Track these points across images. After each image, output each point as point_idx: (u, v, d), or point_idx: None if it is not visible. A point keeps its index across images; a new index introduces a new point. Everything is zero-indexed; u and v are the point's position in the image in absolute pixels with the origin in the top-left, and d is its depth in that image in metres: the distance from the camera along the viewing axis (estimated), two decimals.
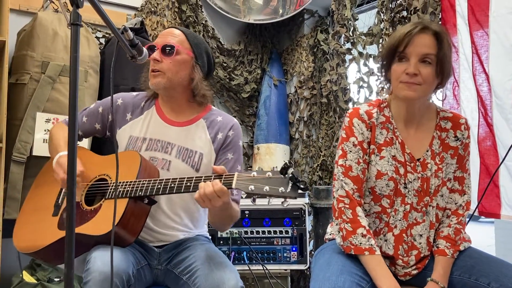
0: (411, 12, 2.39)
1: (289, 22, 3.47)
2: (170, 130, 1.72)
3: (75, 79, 1.02)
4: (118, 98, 1.78)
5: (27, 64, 2.24)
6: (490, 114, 2.13)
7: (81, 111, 1.80)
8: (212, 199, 1.39)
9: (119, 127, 1.75)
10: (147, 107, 1.77)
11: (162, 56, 1.64)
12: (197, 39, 1.73)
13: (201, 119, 1.75)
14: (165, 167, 1.67)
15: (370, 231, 1.47)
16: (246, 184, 1.36)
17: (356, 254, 1.45)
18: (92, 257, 1.40)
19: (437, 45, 1.43)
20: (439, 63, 1.43)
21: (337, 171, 1.53)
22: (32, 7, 2.53)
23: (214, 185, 1.39)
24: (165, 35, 1.69)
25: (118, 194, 1.53)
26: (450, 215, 1.55)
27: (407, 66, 1.44)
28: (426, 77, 1.43)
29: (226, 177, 1.42)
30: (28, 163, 2.21)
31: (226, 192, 1.40)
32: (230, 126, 1.74)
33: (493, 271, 1.39)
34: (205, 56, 1.74)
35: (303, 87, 3.32)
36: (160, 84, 1.65)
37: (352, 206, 1.47)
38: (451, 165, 1.54)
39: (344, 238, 1.47)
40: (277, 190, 1.33)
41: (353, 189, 1.49)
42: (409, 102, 1.51)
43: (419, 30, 1.44)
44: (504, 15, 2.07)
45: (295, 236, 2.54)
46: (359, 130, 1.52)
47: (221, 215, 1.58)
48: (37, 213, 1.68)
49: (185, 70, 1.67)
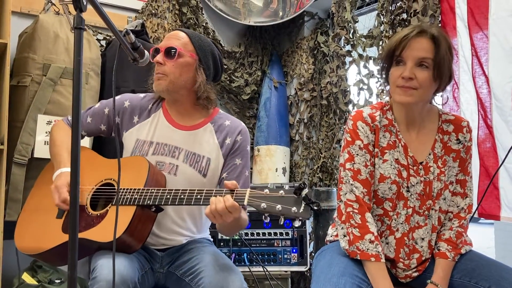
0: (411, 15, 2.39)
1: (289, 24, 3.47)
2: (177, 134, 1.70)
3: (78, 82, 1.02)
4: (125, 100, 1.76)
5: (28, 66, 2.24)
6: (489, 116, 2.14)
7: (85, 110, 1.79)
8: (224, 215, 1.37)
9: (126, 130, 1.73)
10: (154, 110, 1.75)
11: (165, 59, 1.63)
12: (202, 41, 1.70)
13: (209, 123, 1.74)
14: (172, 171, 1.66)
15: (379, 238, 1.46)
16: (259, 202, 1.35)
17: (362, 259, 1.44)
18: (99, 265, 1.39)
19: (434, 49, 1.42)
20: (436, 67, 1.42)
21: (345, 175, 1.51)
22: (34, 9, 2.53)
23: (226, 201, 1.37)
24: (170, 38, 1.68)
25: (126, 201, 1.51)
26: (452, 218, 1.54)
27: (404, 70, 1.43)
28: (422, 81, 1.42)
29: (237, 193, 1.40)
30: (29, 165, 2.21)
31: (238, 209, 1.38)
32: (238, 131, 1.73)
33: (494, 275, 1.39)
34: (211, 58, 1.71)
35: (303, 89, 3.33)
36: (162, 87, 1.64)
37: (361, 211, 1.46)
38: (453, 168, 1.54)
39: (351, 243, 1.46)
40: (290, 210, 1.32)
41: (363, 192, 1.48)
42: (407, 106, 1.50)
43: (416, 34, 1.43)
44: (504, 18, 2.08)
45: (296, 237, 2.54)
46: (364, 133, 1.51)
47: (230, 226, 1.56)
48: (40, 214, 1.66)
49: (188, 72, 1.66)
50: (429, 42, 1.43)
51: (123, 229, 1.44)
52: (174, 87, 1.65)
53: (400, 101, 1.46)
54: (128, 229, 1.45)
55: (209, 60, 1.71)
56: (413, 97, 1.44)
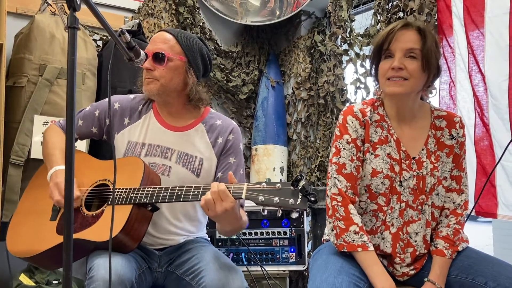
0: (407, 13, 2.40)
1: (286, 24, 3.48)
2: (169, 135, 1.70)
3: (72, 82, 1.02)
4: (115, 102, 1.75)
5: (24, 67, 2.24)
6: (486, 114, 2.14)
7: (76, 113, 1.77)
8: (216, 202, 1.38)
9: (117, 132, 1.72)
10: (144, 111, 1.74)
11: (154, 65, 1.61)
12: (189, 40, 1.67)
13: (200, 123, 1.73)
14: (165, 172, 1.66)
15: (363, 228, 1.47)
16: (256, 195, 1.36)
17: (349, 251, 1.45)
18: (95, 265, 1.38)
19: (421, 39, 1.45)
20: (425, 57, 1.44)
21: (331, 169, 1.54)
22: (30, 10, 2.53)
23: (219, 186, 1.39)
24: (156, 42, 1.64)
25: (122, 201, 1.51)
26: (449, 214, 1.55)
27: (393, 61, 1.45)
28: (412, 71, 1.44)
29: (235, 187, 1.41)
30: (26, 165, 2.20)
31: (229, 196, 1.38)
32: (230, 130, 1.73)
33: (490, 271, 1.39)
34: (199, 57, 1.69)
35: (300, 88, 3.33)
36: (153, 91, 1.63)
37: (344, 204, 1.48)
38: (446, 164, 1.55)
39: (338, 236, 1.47)
40: (287, 202, 1.33)
41: (347, 186, 1.49)
42: (398, 99, 1.52)
43: (401, 27, 1.47)
44: (500, 16, 2.08)
45: (293, 237, 2.54)
46: (353, 128, 1.53)
47: (229, 225, 1.55)
48: (33, 217, 1.64)
49: (179, 76, 1.64)
50: (416, 34, 1.46)
51: (119, 228, 1.44)
52: (165, 91, 1.64)
53: (391, 92, 1.47)
54: (125, 228, 1.45)
55: (198, 60, 1.69)
56: (404, 87, 1.46)
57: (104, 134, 1.76)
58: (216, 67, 3.22)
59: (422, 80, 1.48)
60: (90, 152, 2.36)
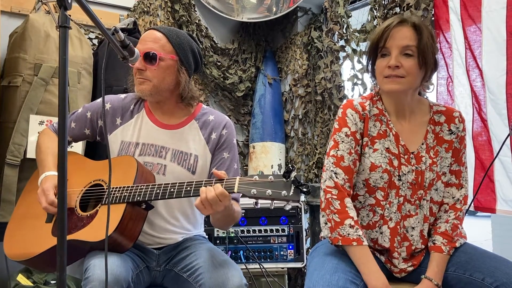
0: (404, 9, 2.39)
1: (283, 20, 3.46)
2: (162, 133, 1.69)
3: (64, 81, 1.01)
4: (106, 103, 1.73)
5: (19, 67, 2.23)
6: (484, 109, 2.14)
7: (69, 115, 1.76)
8: (214, 204, 1.38)
9: (110, 133, 1.71)
10: (136, 111, 1.73)
11: (146, 65, 1.59)
12: (180, 38, 1.65)
13: (193, 120, 1.73)
14: (160, 171, 1.65)
15: (358, 222, 1.47)
16: (248, 188, 1.36)
17: (343, 245, 1.44)
18: (91, 265, 1.38)
19: (416, 36, 1.44)
20: (421, 54, 1.44)
21: (327, 162, 1.52)
22: (24, 9, 2.52)
23: (216, 189, 1.37)
24: (146, 41, 1.62)
25: (116, 200, 1.50)
26: (448, 209, 1.54)
27: (389, 60, 1.45)
28: (409, 69, 1.44)
29: (227, 181, 1.41)
30: (22, 165, 2.20)
31: (228, 196, 1.39)
32: (223, 125, 1.73)
33: (487, 267, 1.39)
34: (191, 55, 1.68)
35: (297, 85, 3.32)
36: (146, 92, 1.62)
37: (340, 197, 1.46)
38: (445, 159, 1.54)
39: (332, 230, 1.46)
40: (280, 194, 1.32)
41: (344, 179, 1.48)
42: (396, 96, 1.52)
43: (397, 23, 1.46)
44: (497, 10, 2.07)
45: (292, 234, 2.54)
46: (352, 121, 1.52)
47: (224, 218, 1.56)
48: (29, 221, 1.64)
49: (171, 75, 1.63)
50: (411, 30, 1.45)
51: (113, 227, 1.43)
52: (157, 91, 1.63)
53: (388, 89, 1.47)
54: (119, 227, 1.45)
55: (190, 57, 1.68)
56: (401, 85, 1.45)
57: (97, 135, 1.75)
58: (213, 64, 3.21)
59: (419, 76, 1.48)
60: (86, 153, 2.36)
